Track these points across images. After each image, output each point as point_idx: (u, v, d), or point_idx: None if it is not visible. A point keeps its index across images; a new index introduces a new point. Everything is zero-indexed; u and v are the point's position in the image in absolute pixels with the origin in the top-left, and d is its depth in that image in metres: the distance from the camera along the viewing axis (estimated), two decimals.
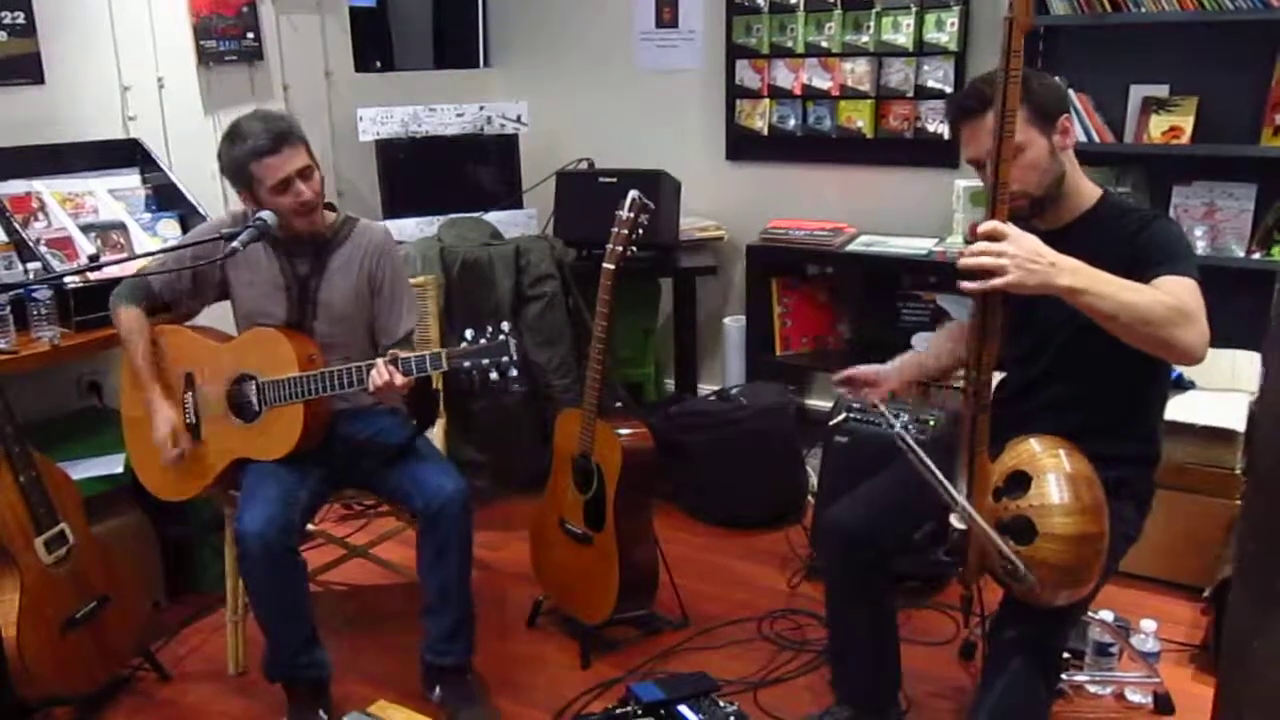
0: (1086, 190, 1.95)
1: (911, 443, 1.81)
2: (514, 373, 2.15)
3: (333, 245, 2.47)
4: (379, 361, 2.21)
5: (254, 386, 2.36)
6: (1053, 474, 1.72)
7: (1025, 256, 1.60)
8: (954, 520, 1.84)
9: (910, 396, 2.69)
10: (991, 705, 1.86)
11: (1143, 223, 1.87)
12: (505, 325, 2.17)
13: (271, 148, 2.26)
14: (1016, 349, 2.05)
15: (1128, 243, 1.83)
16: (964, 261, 1.65)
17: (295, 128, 2.33)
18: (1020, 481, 1.74)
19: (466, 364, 2.15)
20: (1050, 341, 1.95)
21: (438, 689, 2.43)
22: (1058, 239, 1.89)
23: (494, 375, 2.15)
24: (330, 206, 2.53)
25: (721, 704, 2.25)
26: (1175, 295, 1.67)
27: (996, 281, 1.60)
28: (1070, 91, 3.07)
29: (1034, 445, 1.77)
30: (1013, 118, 1.64)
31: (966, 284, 1.65)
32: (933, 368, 2.36)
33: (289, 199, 2.30)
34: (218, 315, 2.58)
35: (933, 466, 1.76)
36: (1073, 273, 1.62)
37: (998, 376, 2.02)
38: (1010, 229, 1.64)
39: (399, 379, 2.19)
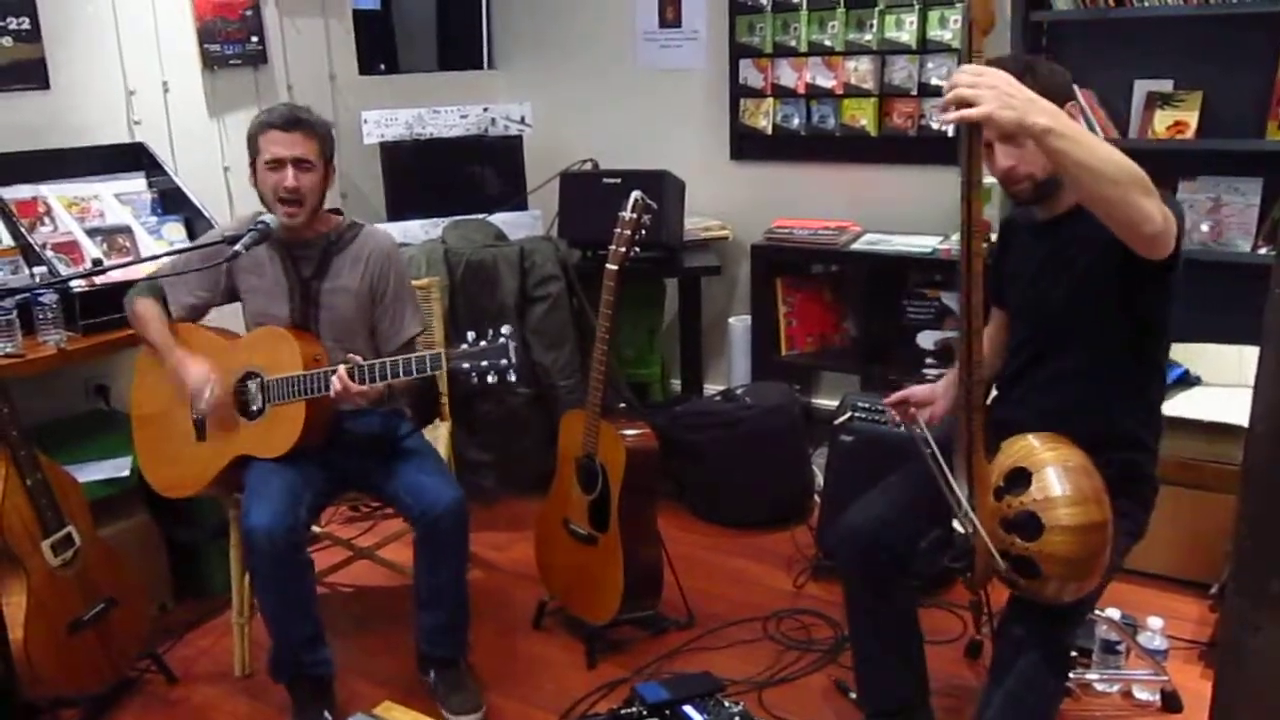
0: None
1: (935, 449, 1.81)
2: (513, 377, 2.15)
3: (336, 249, 2.48)
4: (340, 368, 2.23)
5: (259, 384, 2.37)
6: (1052, 467, 1.72)
7: (1003, 89, 1.56)
8: (958, 525, 1.84)
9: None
10: (1000, 703, 1.86)
11: None
12: (505, 329, 2.17)
13: (282, 125, 2.33)
14: (1014, 335, 2.08)
15: None
16: (943, 101, 1.61)
17: (318, 123, 2.38)
18: (1020, 478, 1.74)
19: (465, 365, 2.16)
20: (1045, 317, 1.97)
21: (431, 673, 2.47)
22: (1055, 227, 1.95)
23: (491, 378, 2.15)
24: (337, 211, 2.55)
25: (727, 704, 2.25)
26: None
27: (974, 112, 1.55)
28: (1074, 87, 3.07)
29: (1031, 441, 1.78)
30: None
31: (945, 115, 1.61)
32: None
33: (275, 179, 2.33)
34: (230, 316, 2.60)
35: (950, 476, 1.77)
36: (1051, 115, 1.58)
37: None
38: (986, 68, 1.59)
39: (354, 386, 2.21)
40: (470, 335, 2.19)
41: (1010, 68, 1.84)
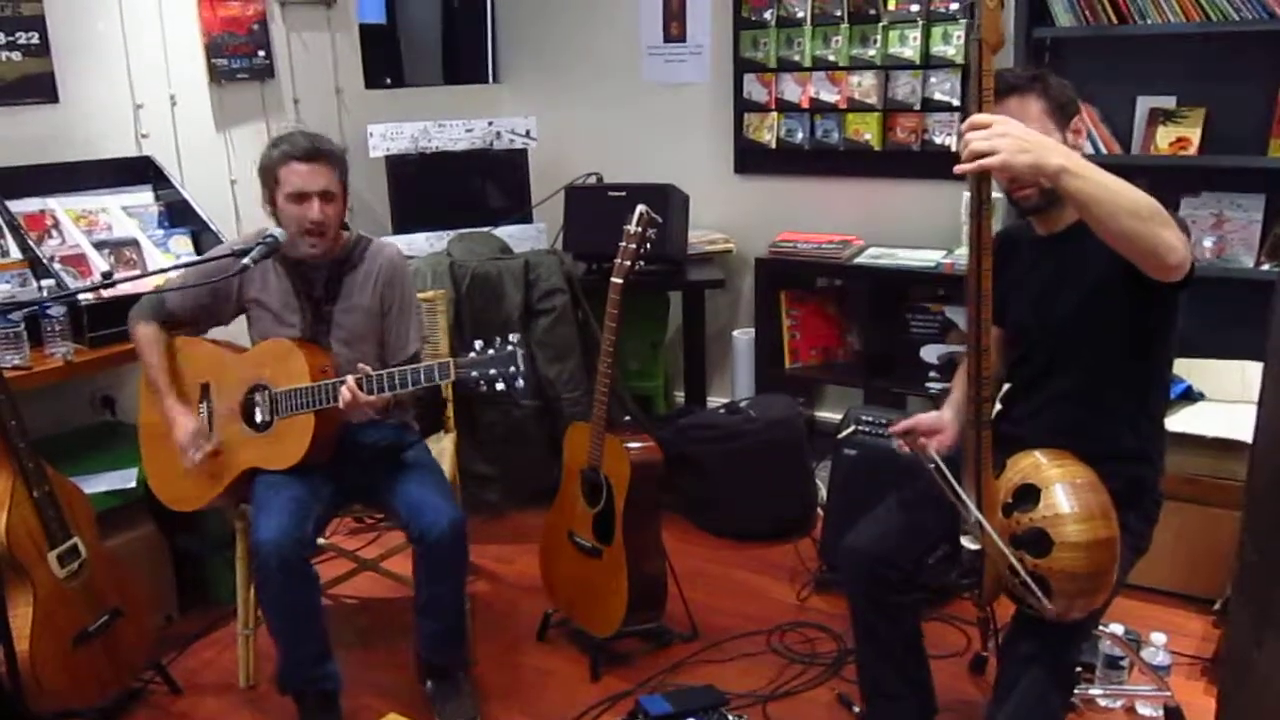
0: None
1: (945, 469, 1.82)
2: (520, 384, 2.16)
3: (347, 268, 2.49)
4: (349, 378, 2.23)
5: (267, 397, 2.38)
6: (1059, 484, 1.73)
7: (1015, 135, 1.58)
8: (966, 542, 1.85)
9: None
10: (1005, 719, 1.86)
11: None
12: (513, 336, 2.18)
13: (304, 157, 2.33)
14: (1016, 351, 2.08)
15: None
16: (963, 157, 1.61)
17: (336, 151, 2.39)
18: (1029, 495, 1.75)
19: (474, 374, 2.16)
20: (1050, 334, 1.97)
21: (429, 682, 2.48)
22: (1057, 243, 1.96)
23: (500, 386, 2.15)
24: (344, 226, 2.55)
25: (730, 717, 2.26)
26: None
27: (990, 161, 1.56)
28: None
29: (1038, 457, 1.79)
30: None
31: (960, 166, 1.60)
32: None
33: (299, 211, 2.34)
34: (237, 330, 2.61)
35: (963, 494, 1.77)
36: (1064, 154, 1.60)
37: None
38: (996, 116, 1.60)
39: (363, 396, 2.21)
40: (478, 344, 2.19)
41: (1021, 78, 1.88)
